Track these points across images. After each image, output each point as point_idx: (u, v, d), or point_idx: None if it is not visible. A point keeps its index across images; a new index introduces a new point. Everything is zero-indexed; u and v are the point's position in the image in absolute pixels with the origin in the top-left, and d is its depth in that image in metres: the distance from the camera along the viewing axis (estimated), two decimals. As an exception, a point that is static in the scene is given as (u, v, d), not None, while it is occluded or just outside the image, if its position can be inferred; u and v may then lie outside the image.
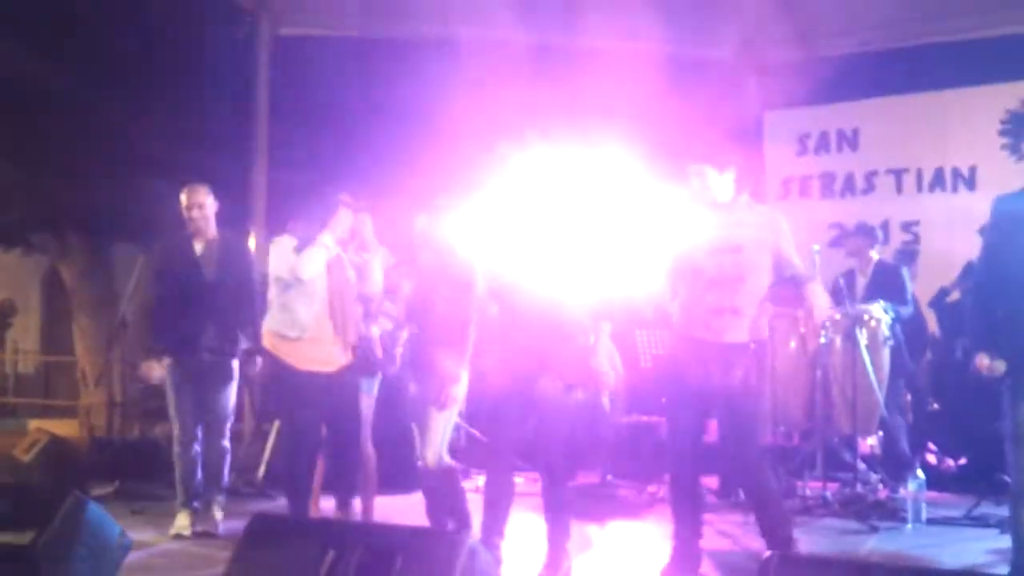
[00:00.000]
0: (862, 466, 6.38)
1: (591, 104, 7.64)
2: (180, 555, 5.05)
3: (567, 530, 4.50)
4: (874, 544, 5.32)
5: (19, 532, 3.43)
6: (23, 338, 14.53)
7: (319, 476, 5.40)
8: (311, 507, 5.32)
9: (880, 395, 6.21)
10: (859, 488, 6.16)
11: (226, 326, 5.51)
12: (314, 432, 5.04)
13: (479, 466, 6.02)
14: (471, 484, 6.18)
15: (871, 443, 6.73)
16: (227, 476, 5.72)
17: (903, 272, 6.94)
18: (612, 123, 6.05)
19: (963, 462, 6.98)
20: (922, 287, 7.47)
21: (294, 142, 9.07)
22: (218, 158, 8.29)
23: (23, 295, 14.30)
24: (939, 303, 7.39)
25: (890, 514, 5.81)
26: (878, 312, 6.36)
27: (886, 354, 6.37)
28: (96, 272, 10.25)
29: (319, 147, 9.41)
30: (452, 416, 4.86)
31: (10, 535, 3.47)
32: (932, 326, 7.51)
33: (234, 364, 5.57)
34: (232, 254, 5.65)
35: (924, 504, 5.66)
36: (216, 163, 7.92)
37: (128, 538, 3.76)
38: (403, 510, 5.64)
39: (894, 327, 6.43)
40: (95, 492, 6.14)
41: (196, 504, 5.51)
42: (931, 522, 5.65)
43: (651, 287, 4.73)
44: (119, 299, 5.89)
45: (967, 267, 6.74)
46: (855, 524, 5.67)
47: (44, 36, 8.19)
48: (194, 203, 5.53)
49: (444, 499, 4.83)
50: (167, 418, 5.84)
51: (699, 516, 4.55)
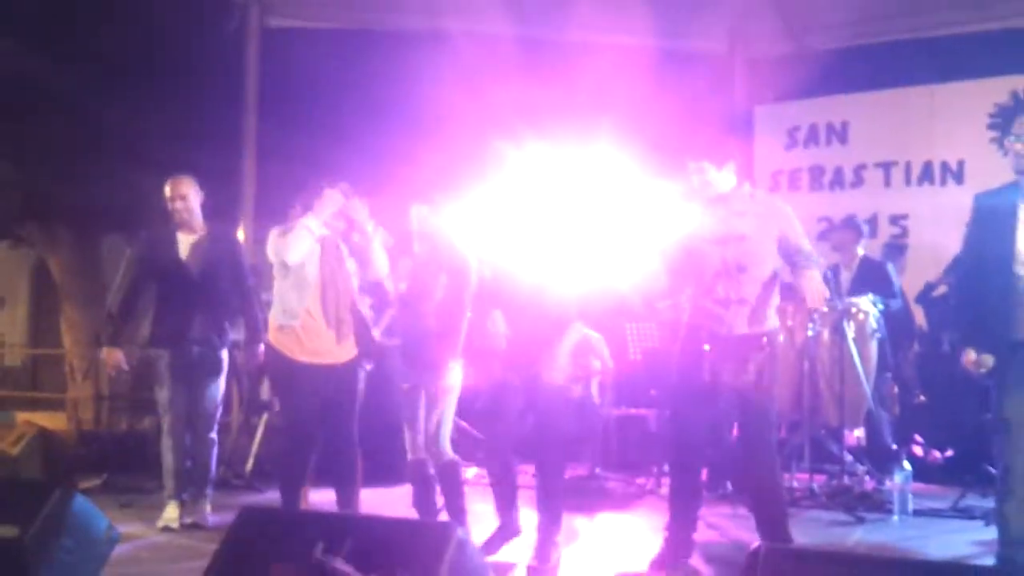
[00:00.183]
0: (849, 458, 6.40)
1: (580, 97, 7.64)
2: (168, 548, 5.04)
3: (558, 521, 4.51)
4: (860, 535, 5.35)
5: (6, 525, 3.41)
6: (11, 331, 14.49)
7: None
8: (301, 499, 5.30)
9: (867, 388, 6.25)
10: (846, 480, 6.18)
11: (214, 318, 5.49)
12: (310, 424, 4.92)
13: (467, 459, 6.02)
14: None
15: (858, 435, 6.76)
16: (215, 468, 5.70)
17: (888, 268, 6.94)
18: (601, 117, 6.03)
19: (949, 454, 7.01)
20: (910, 281, 7.50)
21: (282, 133, 9.04)
22: (207, 150, 8.26)
23: (11, 288, 14.27)
24: (926, 297, 7.43)
25: (876, 506, 5.84)
26: (866, 305, 6.39)
27: (874, 347, 6.40)
28: (84, 265, 10.21)
29: (308, 138, 9.38)
30: (451, 408, 4.85)
31: (-3, 528, 3.46)
32: (920, 319, 7.54)
33: (223, 356, 5.55)
34: (219, 244, 5.60)
35: (910, 496, 5.68)
36: (205, 155, 7.89)
37: (116, 531, 3.75)
38: (388, 503, 5.61)
39: (879, 320, 6.46)
40: (83, 485, 6.12)
41: (184, 497, 5.49)
42: (917, 513, 5.68)
43: (640, 281, 4.73)
44: (107, 292, 5.86)
45: (954, 261, 6.76)
46: (842, 515, 5.69)
47: (30, 30, 8.14)
48: (177, 194, 5.48)
49: (445, 493, 4.83)
50: (155, 411, 5.83)
51: (696, 509, 4.54)
